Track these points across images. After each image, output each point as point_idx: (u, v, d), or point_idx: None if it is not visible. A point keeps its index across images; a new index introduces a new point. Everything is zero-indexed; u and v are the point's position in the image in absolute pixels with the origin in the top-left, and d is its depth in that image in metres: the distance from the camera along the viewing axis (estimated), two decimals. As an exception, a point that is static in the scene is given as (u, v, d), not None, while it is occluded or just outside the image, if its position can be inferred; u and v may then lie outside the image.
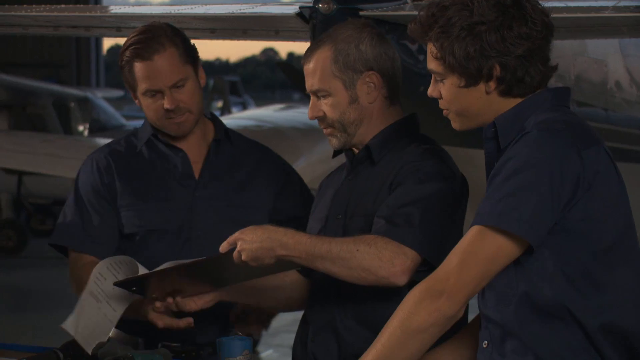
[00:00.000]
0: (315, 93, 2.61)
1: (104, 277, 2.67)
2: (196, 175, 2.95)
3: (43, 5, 4.81)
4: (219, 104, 18.88)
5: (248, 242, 2.44)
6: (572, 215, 2.07)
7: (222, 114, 16.28)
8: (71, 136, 12.98)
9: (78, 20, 4.92)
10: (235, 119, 9.22)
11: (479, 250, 2.06)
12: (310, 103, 2.63)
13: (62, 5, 4.95)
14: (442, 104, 2.23)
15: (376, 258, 2.41)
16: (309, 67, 2.60)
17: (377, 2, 3.81)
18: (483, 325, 2.20)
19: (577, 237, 2.08)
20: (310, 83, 2.60)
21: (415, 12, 2.20)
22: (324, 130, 2.64)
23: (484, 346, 2.19)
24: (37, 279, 10.42)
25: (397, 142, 2.62)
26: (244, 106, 19.09)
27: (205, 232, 2.90)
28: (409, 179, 2.53)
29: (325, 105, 2.60)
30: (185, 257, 2.76)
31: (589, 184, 2.07)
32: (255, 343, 2.90)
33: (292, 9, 3.84)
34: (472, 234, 2.08)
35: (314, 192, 2.92)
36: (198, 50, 2.91)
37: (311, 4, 3.69)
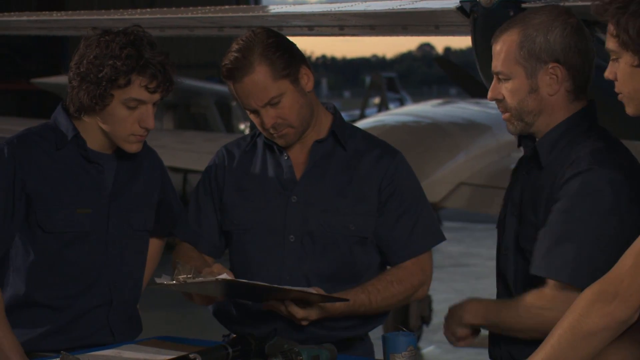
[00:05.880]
0: (497, 74, 2.57)
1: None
2: (297, 177, 2.87)
3: (208, 7, 4.95)
4: (376, 100, 18.94)
5: None
6: None
7: (380, 110, 16.35)
8: (233, 134, 13.28)
9: (241, 20, 5.02)
10: (393, 115, 9.22)
11: None
12: (492, 84, 2.59)
13: (226, 7, 5.07)
14: (617, 86, 2.17)
15: None
16: (495, 47, 2.56)
17: (541, -6, 3.73)
18: None
19: None
20: (494, 64, 2.57)
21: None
22: (502, 115, 2.60)
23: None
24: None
25: (565, 139, 2.53)
26: (401, 102, 19.06)
27: (297, 237, 2.84)
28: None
29: (505, 89, 2.56)
30: (277, 258, 2.80)
31: None
32: (417, 339, 2.88)
33: (453, 3, 3.80)
34: None
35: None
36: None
37: (472, -2, 3.64)
